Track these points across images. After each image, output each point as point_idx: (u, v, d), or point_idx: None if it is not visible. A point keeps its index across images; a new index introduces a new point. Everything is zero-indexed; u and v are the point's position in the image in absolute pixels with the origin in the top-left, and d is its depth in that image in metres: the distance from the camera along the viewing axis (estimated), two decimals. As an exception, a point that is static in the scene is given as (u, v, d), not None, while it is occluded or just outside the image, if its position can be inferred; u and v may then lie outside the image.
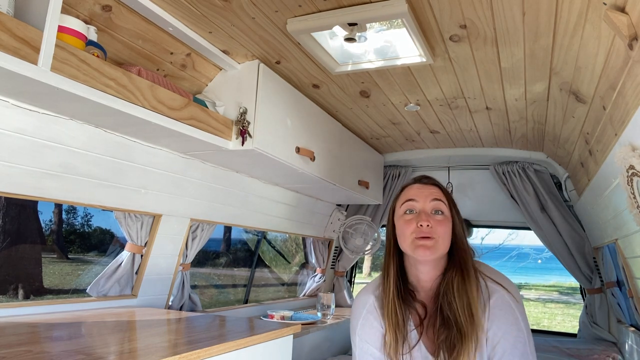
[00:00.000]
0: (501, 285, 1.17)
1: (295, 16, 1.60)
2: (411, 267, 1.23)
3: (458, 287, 1.14)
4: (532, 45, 1.65)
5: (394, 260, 1.25)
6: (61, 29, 1.28)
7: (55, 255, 3.43)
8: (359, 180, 2.95)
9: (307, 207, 3.18)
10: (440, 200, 1.19)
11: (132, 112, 1.44)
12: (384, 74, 2.01)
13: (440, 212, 1.18)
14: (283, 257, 5.16)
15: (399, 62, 1.86)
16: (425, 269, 1.20)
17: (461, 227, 1.21)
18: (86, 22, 1.42)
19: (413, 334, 1.19)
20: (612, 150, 1.68)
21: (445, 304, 1.15)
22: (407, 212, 1.20)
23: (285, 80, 2.10)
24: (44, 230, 3.07)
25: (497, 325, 1.12)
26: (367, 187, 3.08)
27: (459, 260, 1.18)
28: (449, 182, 3.32)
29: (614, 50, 1.35)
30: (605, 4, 1.21)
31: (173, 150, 1.96)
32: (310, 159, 2.28)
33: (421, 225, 1.15)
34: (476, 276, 1.17)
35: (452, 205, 1.22)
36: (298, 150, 2.17)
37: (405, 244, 1.19)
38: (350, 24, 1.55)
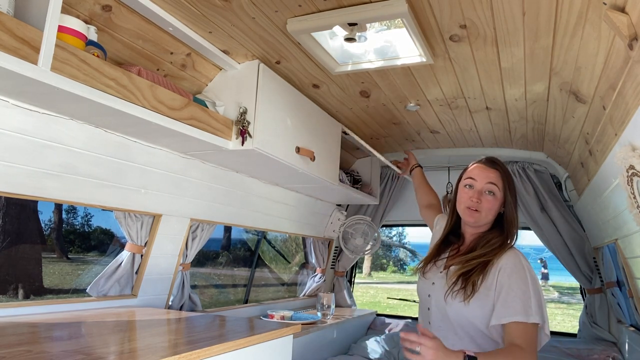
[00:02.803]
0: (523, 257, 1.45)
1: (295, 16, 1.60)
2: (462, 222, 1.61)
3: (493, 241, 1.48)
4: (532, 45, 1.65)
5: (453, 212, 1.62)
6: (61, 29, 1.28)
7: (55, 255, 3.43)
8: (359, 180, 2.95)
9: (307, 207, 3.18)
10: (494, 184, 1.49)
11: (132, 112, 1.44)
12: (384, 74, 2.01)
13: (491, 193, 1.49)
14: (283, 257, 5.16)
15: (399, 62, 1.86)
16: (468, 228, 1.58)
17: (512, 205, 1.51)
18: (86, 22, 1.42)
19: (442, 262, 1.57)
20: (612, 150, 1.68)
21: (479, 244, 1.51)
22: (467, 186, 1.54)
23: (285, 80, 2.10)
24: (44, 230, 3.07)
25: (507, 274, 1.38)
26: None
27: (505, 227, 1.51)
28: (449, 182, 3.32)
29: (614, 50, 1.35)
30: (605, 4, 1.21)
31: (173, 150, 1.96)
32: (310, 159, 2.28)
33: (472, 200, 1.50)
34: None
35: (506, 188, 1.51)
36: (298, 150, 2.17)
37: (459, 207, 1.56)
38: (350, 24, 1.55)
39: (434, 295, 1.51)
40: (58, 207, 3.24)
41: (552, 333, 3.64)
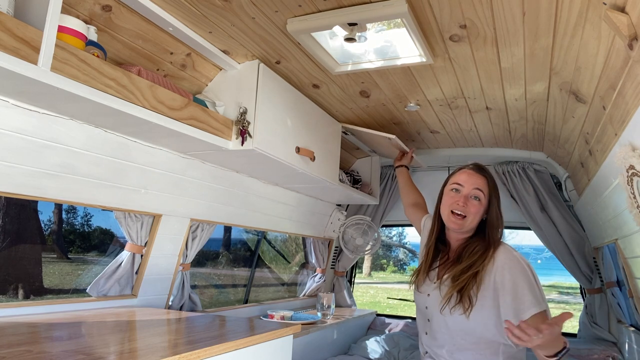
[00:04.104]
0: (513, 250, 1.47)
1: (295, 16, 1.60)
2: (446, 228, 1.61)
3: (476, 249, 1.47)
4: (532, 45, 1.65)
5: (438, 218, 1.62)
6: (61, 29, 1.28)
7: (55, 255, 3.43)
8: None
9: (307, 207, 3.18)
10: (480, 190, 1.52)
11: (132, 112, 1.44)
12: (384, 74, 2.01)
13: (477, 199, 1.51)
14: (283, 257, 5.16)
15: (399, 62, 1.86)
16: (453, 234, 1.58)
17: (496, 209, 1.52)
18: (86, 22, 1.42)
19: (434, 272, 1.56)
20: (612, 150, 1.68)
21: (463, 255, 1.50)
22: (453, 190, 1.55)
23: (285, 80, 2.10)
24: (44, 230, 3.07)
25: (507, 272, 1.37)
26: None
27: (487, 233, 1.51)
28: (449, 182, 3.32)
29: (614, 50, 1.35)
30: (605, 4, 1.21)
31: (173, 150, 1.96)
32: (310, 159, 2.28)
33: (458, 203, 1.50)
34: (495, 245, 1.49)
35: (492, 193, 1.53)
36: (298, 150, 2.17)
37: (443, 212, 1.56)
38: (350, 24, 1.55)
39: (432, 307, 1.52)
40: (58, 207, 3.24)
41: (552, 333, 3.64)
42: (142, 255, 2.09)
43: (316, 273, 3.66)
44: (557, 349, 1.22)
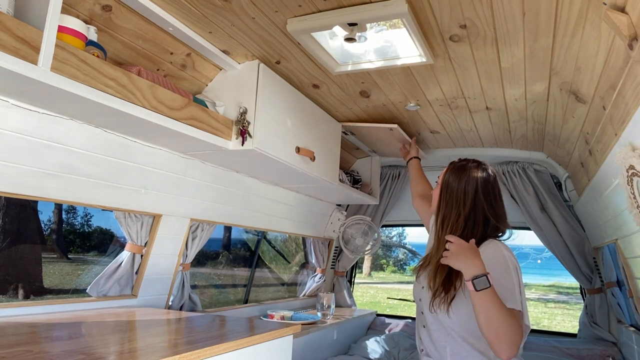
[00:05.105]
0: (505, 249, 1.44)
1: (295, 16, 1.60)
2: None
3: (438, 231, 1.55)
4: (532, 45, 1.65)
5: None
6: (61, 29, 1.28)
7: (55, 255, 3.43)
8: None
9: (307, 207, 3.18)
10: (439, 177, 1.62)
11: (132, 112, 1.44)
12: (384, 74, 2.01)
13: (436, 182, 1.63)
14: (283, 257, 5.17)
15: (399, 62, 1.86)
16: None
17: (447, 192, 1.53)
18: (86, 22, 1.42)
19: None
20: (612, 150, 1.68)
21: None
22: None
23: (285, 80, 2.10)
24: (44, 230, 3.07)
25: (489, 267, 1.31)
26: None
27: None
28: (449, 182, 3.32)
29: (614, 50, 1.35)
30: (605, 4, 1.21)
31: (173, 150, 1.96)
32: (310, 159, 2.28)
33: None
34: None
35: (445, 178, 1.56)
36: (298, 150, 2.17)
37: None
38: (350, 24, 1.55)
39: (424, 299, 1.52)
40: (58, 207, 3.24)
41: (552, 333, 3.64)
42: (142, 255, 2.09)
43: (316, 273, 3.66)
44: (471, 272, 1.25)
